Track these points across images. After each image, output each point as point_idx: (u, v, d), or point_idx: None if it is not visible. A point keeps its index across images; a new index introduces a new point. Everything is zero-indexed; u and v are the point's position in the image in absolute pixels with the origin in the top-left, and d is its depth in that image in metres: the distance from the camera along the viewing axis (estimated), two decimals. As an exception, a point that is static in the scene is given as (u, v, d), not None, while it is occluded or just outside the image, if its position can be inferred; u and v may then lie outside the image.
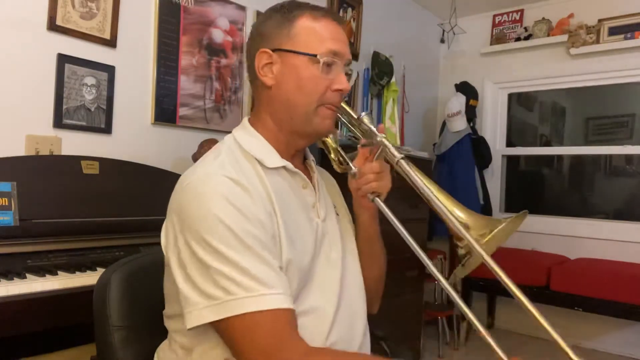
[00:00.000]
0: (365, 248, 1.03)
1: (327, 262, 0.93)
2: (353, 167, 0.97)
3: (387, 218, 0.92)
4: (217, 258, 0.75)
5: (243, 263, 0.75)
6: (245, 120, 0.97)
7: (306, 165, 1.01)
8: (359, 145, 0.98)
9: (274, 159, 0.90)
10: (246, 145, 0.90)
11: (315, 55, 0.87)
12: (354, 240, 1.03)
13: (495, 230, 0.84)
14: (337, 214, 1.02)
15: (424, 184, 0.90)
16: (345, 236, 1.01)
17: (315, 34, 0.89)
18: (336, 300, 0.91)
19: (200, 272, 0.76)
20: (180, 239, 0.79)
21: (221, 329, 0.78)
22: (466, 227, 0.86)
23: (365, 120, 0.93)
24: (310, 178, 0.98)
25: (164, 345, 0.94)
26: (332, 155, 1.04)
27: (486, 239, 0.84)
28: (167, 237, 0.84)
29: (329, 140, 1.04)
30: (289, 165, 0.91)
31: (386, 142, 0.92)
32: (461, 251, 0.85)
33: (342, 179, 1.06)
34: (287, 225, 0.85)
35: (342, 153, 1.04)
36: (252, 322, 0.74)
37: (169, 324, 0.90)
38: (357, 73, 3.13)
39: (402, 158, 0.91)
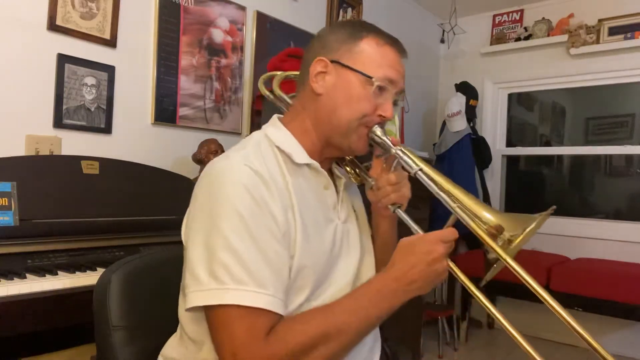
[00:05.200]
0: (381, 256, 1.02)
1: (343, 264, 0.93)
2: (369, 179, 0.97)
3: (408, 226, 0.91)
4: (222, 244, 0.76)
5: (244, 255, 0.76)
6: (276, 118, 0.98)
7: (333, 170, 1.01)
8: (374, 156, 0.97)
9: (302, 156, 0.91)
10: (277, 141, 0.91)
11: (370, 78, 0.89)
12: (371, 245, 1.03)
13: (528, 230, 0.83)
14: (357, 218, 1.02)
15: (445, 194, 0.88)
16: (364, 239, 1.01)
17: (376, 57, 0.90)
18: None
19: (203, 255, 0.77)
20: (196, 222, 0.81)
21: (207, 317, 0.79)
22: (499, 228, 0.85)
23: (378, 132, 0.92)
24: (334, 181, 0.98)
25: (172, 340, 0.93)
26: (348, 168, 1.04)
27: (519, 239, 0.83)
28: (186, 222, 0.86)
29: None
30: (315, 163, 0.92)
31: (401, 155, 0.92)
32: (491, 255, 0.84)
33: (361, 186, 1.05)
34: (305, 223, 0.85)
35: (358, 164, 1.03)
36: (233, 316, 0.74)
37: (183, 315, 0.90)
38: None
39: (420, 169, 0.90)
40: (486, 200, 3.62)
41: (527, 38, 3.66)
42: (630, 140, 3.49)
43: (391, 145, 0.92)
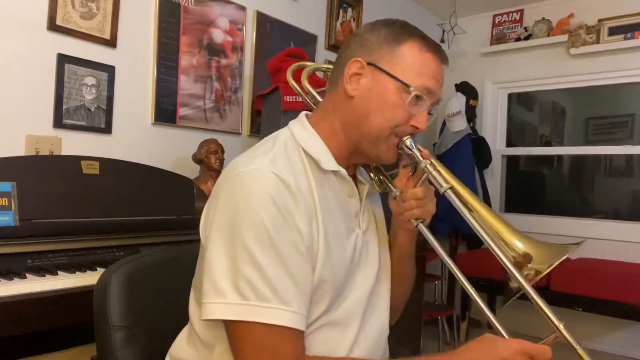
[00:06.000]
0: (397, 267, 1.00)
1: (361, 275, 0.90)
2: (394, 189, 0.93)
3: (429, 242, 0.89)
4: (246, 257, 0.74)
5: (268, 270, 0.73)
6: (304, 117, 0.93)
7: (357, 176, 0.98)
8: (401, 165, 0.94)
9: (330, 162, 0.87)
10: (304, 143, 0.87)
11: (408, 86, 0.84)
12: (389, 257, 1.01)
13: (559, 261, 0.79)
14: (377, 228, 1.00)
15: (472, 217, 0.85)
16: (382, 250, 0.99)
17: (416, 64, 0.85)
18: (362, 314, 0.89)
19: (225, 265, 0.75)
20: (217, 228, 0.78)
21: (228, 329, 0.77)
22: (527, 257, 0.81)
23: (407, 143, 0.88)
24: (357, 188, 0.95)
25: (180, 338, 0.92)
26: (372, 175, 1.01)
27: (546, 272, 0.79)
28: (206, 222, 0.83)
29: None
30: (342, 171, 0.88)
31: (431, 170, 0.88)
32: (513, 284, 0.80)
33: (383, 194, 1.02)
34: (327, 232, 0.82)
35: (384, 172, 0.99)
36: (257, 333, 0.73)
37: (194, 313, 0.88)
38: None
39: (450, 188, 0.87)
40: (486, 200, 3.62)
41: (527, 38, 3.66)
42: (630, 140, 3.49)
43: (421, 159, 0.88)
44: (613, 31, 3.33)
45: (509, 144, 3.95)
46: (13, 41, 1.74)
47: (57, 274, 1.34)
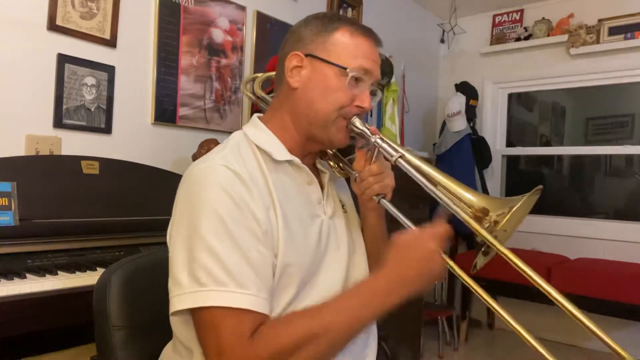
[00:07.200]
0: (372, 248, 1.02)
1: (332, 260, 0.92)
2: (353, 172, 0.97)
3: (394, 217, 0.91)
4: (201, 246, 0.76)
5: (224, 256, 0.75)
6: (256, 117, 0.98)
7: (317, 165, 1.01)
8: (356, 148, 0.98)
9: (282, 153, 0.91)
10: (256, 140, 0.91)
11: (345, 69, 0.89)
12: (362, 239, 1.03)
13: (515, 208, 0.82)
14: (345, 212, 1.02)
15: (426, 180, 0.89)
16: (354, 234, 1.01)
17: (349, 48, 0.90)
18: None
19: (184, 258, 0.77)
20: (176, 227, 0.82)
21: (193, 321, 0.79)
22: (484, 210, 0.85)
23: (357, 123, 0.92)
24: (318, 176, 0.97)
25: (168, 347, 0.93)
26: (332, 162, 1.04)
27: (506, 219, 0.82)
28: (169, 228, 0.86)
29: None
30: (296, 160, 0.91)
31: (380, 143, 0.92)
32: (479, 238, 0.84)
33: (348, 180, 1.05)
34: (287, 220, 0.85)
35: (342, 158, 1.03)
36: (217, 317, 0.74)
37: (172, 321, 0.89)
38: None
39: (400, 157, 0.91)
40: (486, 200, 3.63)
41: (527, 38, 3.66)
42: (630, 140, 3.49)
43: (370, 134, 0.92)
44: (613, 31, 3.33)
45: (509, 144, 3.96)
46: (13, 41, 1.74)
47: (57, 274, 1.34)
